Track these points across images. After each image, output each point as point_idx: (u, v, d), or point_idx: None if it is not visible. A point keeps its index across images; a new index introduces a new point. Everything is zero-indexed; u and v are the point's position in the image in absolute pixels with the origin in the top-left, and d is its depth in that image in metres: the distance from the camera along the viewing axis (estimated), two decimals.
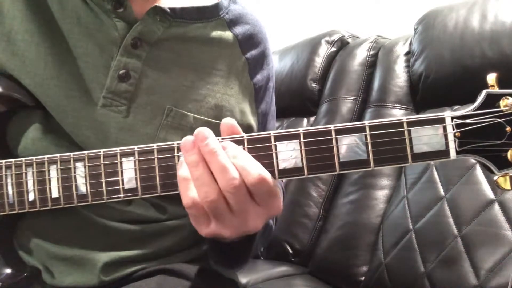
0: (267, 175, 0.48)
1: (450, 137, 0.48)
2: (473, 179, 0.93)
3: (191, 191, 0.48)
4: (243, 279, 1.13)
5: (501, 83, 0.49)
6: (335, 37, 1.52)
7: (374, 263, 1.05)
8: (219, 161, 0.47)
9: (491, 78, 0.49)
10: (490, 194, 0.90)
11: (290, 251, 1.31)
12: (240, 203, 0.48)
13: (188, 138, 0.48)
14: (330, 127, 0.49)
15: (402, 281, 0.96)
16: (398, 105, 1.22)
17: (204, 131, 0.48)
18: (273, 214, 0.51)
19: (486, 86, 0.50)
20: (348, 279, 1.10)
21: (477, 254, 0.86)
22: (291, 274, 1.22)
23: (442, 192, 0.98)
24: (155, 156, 0.52)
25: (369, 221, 1.12)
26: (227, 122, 0.51)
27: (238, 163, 0.48)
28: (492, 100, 0.48)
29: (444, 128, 0.48)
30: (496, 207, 0.88)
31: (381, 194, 1.15)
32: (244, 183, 0.47)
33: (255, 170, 0.47)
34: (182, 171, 0.49)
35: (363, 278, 1.08)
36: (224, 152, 0.48)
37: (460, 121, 0.48)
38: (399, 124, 0.49)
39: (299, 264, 1.28)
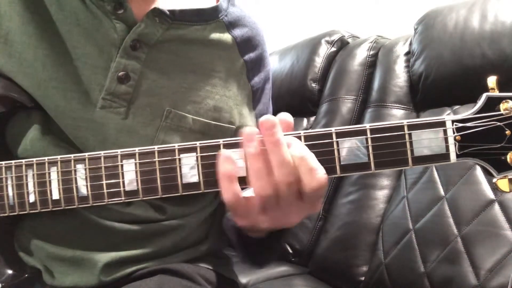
0: (326, 179, 0.48)
1: (451, 141, 0.48)
2: (473, 179, 0.94)
3: (235, 187, 0.48)
4: (243, 279, 1.13)
5: (501, 86, 0.49)
6: (335, 37, 1.52)
7: (374, 263, 1.05)
8: (282, 154, 0.47)
9: (492, 80, 0.49)
10: (490, 194, 0.90)
11: (290, 251, 1.31)
12: (289, 197, 0.48)
13: (253, 129, 0.48)
14: (331, 130, 0.50)
15: (402, 281, 0.97)
16: (398, 105, 1.22)
17: (272, 119, 0.47)
18: (314, 211, 0.51)
19: (486, 86, 0.50)
20: (348, 279, 1.10)
21: (477, 254, 0.86)
22: (291, 274, 1.22)
23: (442, 192, 0.98)
24: (156, 158, 0.52)
25: (369, 221, 1.12)
26: (283, 117, 0.51)
27: (307, 166, 0.47)
28: (492, 103, 0.48)
29: (445, 131, 0.48)
30: (496, 207, 0.88)
31: (381, 194, 1.15)
32: (298, 181, 0.47)
33: (321, 174, 0.47)
34: (226, 166, 0.48)
35: (363, 278, 1.08)
36: (286, 145, 0.47)
37: (461, 125, 0.48)
38: (400, 128, 0.49)
39: (299, 264, 1.28)
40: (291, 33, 1.89)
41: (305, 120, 1.52)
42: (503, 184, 0.49)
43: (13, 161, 0.57)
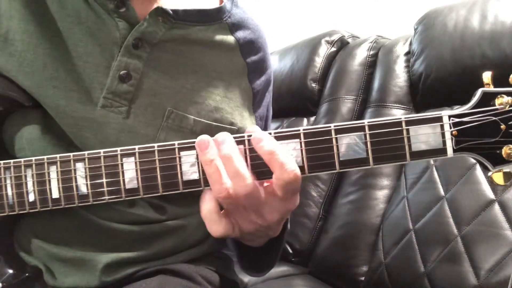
0: (299, 173, 0.48)
1: (448, 136, 0.49)
2: (473, 179, 0.93)
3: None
4: (243, 279, 1.13)
5: (496, 81, 0.49)
6: (335, 37, 1.52)
7: (374, 263, 1.05)
8: (235, 167, 0.48)
9: (487, 76, 0.50)
10: (490, 194, 0.90)
11: (290, 251, 1.31)
12: (253, 203, 0.50)
13: (203, 138, 0.50)
14: (330, 126, 0.50)
15: (402, 281, 0.96)
16: (398, 105, 1.22)
17: (222, 136, 0.50)
18: (292, 207, 0.52)
19: (484, 85, 0.50)
20: (348, 279, 1.10)
21: (477, 254, 0.86)
22: (291, 274, 1.22)
23: (442, 192, 0.98)
24: (156, 156, 0.52)
25: (369, 221, 1.12)
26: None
27: (277, 160, 0.48)
28: (488, 99, 0.49)
29: (442, 126, 0.49)
30: (496, 207, 0.88)
31: (381, 194, 1.15)
32: (257, 186, 0.49)
33: (291, 167, 0.48)
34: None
35: (363, 278, 1.08)
36: (240, 157, 0.49)
37: (457, 120, 0.49)
38: (398, 123, 0.49)
39: (299, 264, 1.28)
40: (291, 33, 1.89)
41: (305, 120, 1.52)
42: (498, 177, 0.50)
43: (11, 161, 0.57)
